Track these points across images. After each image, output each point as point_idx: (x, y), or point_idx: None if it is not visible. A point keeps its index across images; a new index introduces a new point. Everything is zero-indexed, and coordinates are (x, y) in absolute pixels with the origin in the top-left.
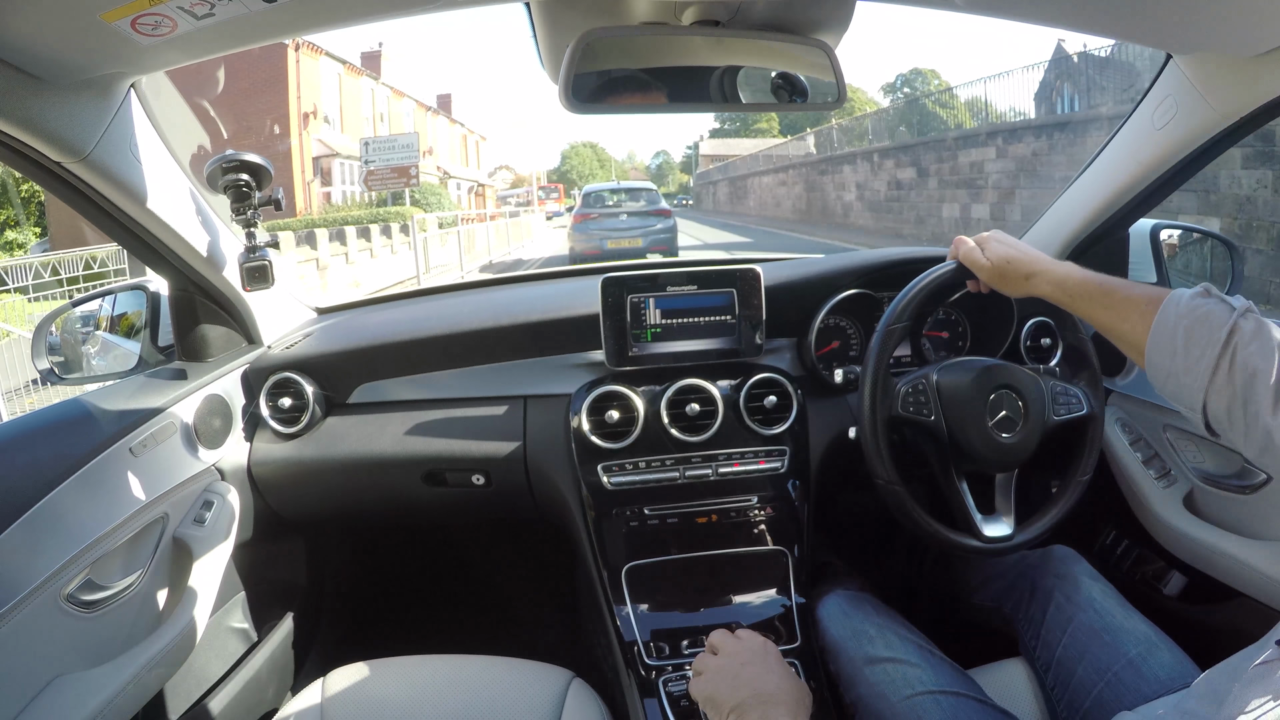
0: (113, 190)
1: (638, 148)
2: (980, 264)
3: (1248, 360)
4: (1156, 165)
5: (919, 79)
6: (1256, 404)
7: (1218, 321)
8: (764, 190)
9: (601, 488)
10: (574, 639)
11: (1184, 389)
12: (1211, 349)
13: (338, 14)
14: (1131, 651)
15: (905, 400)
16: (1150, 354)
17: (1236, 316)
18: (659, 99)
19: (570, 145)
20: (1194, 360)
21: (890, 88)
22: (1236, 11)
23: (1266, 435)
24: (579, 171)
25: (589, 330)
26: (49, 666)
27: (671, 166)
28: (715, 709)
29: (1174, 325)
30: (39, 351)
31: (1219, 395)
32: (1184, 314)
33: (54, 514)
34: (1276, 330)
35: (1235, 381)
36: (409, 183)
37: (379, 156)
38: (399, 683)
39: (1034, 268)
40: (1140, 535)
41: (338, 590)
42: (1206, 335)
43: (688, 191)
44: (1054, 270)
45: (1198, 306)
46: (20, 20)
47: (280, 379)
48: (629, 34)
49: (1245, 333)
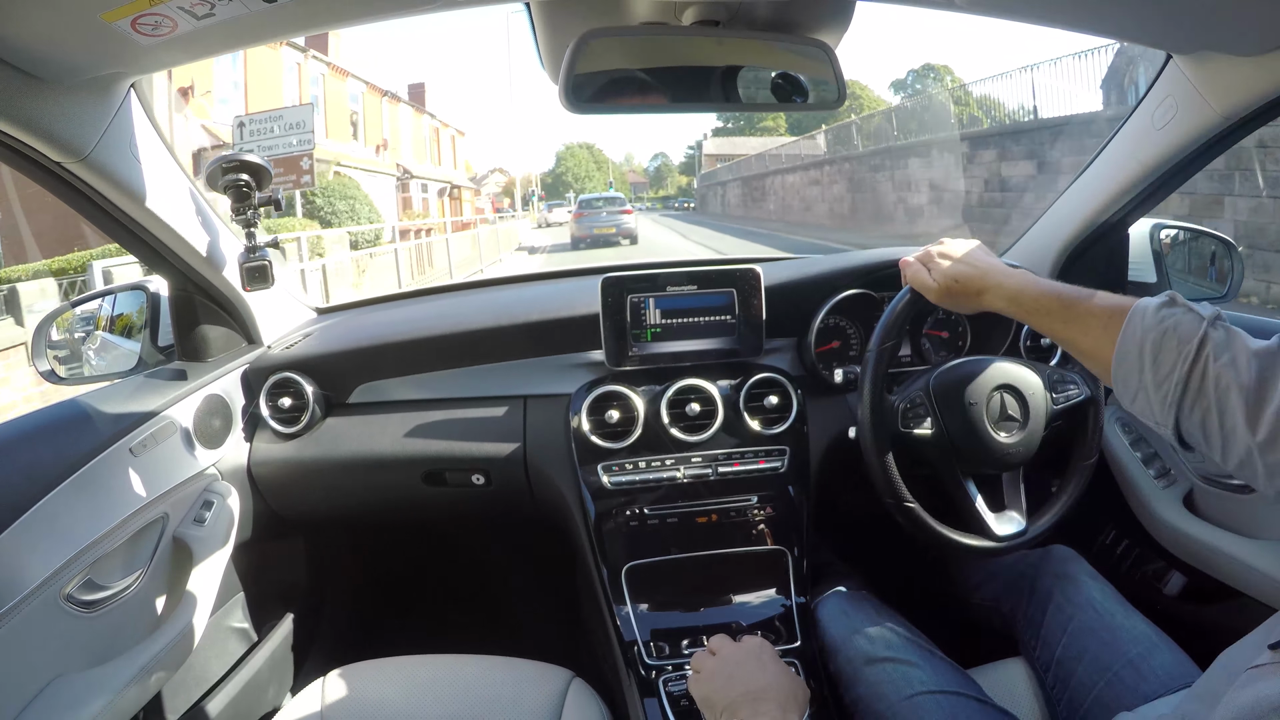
0: (113, 190)
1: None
2: (928, 286)
3: (1221, 374)
4: (1156, 165)
5: (931, 75)
6: (1233, 418)
7: (1187, 333)
8: (788, 190)
9: (601, 487)
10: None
11: (1154, 405)
12: (1182, 363)
13: (338, 13)
14: (1131, 651)
15: (905, 417)
16: (1116, 370)
17: (1206, 327)
18: (659, 99)
19: (566, 146)
20: (1163, 375)
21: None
22: (1236, 11)
23: (1246, 451)
24: (574, 174)
25: (589, 330)
26: (49, 666)
27: (670, 169)
28: (710, 709)
29: (1140, 339)
30: (39, 351)
31: (1192, 411)
32: (1150, 326)
33: (54, 514)
34: (1248, 339)
35: (1208, 396)
36: (299, 182)
37: (257, 141)
38: (399, 683)
39: (985, 283)
40: (1140, 535)
41: (337, 590)
42: (1176, 348)
43: (689, 194)
44: (1007, 284)
45: (1165, 318)
46: (20, 20)
47: (280, 379)
48: (629, 34)
49: (1216, 344)
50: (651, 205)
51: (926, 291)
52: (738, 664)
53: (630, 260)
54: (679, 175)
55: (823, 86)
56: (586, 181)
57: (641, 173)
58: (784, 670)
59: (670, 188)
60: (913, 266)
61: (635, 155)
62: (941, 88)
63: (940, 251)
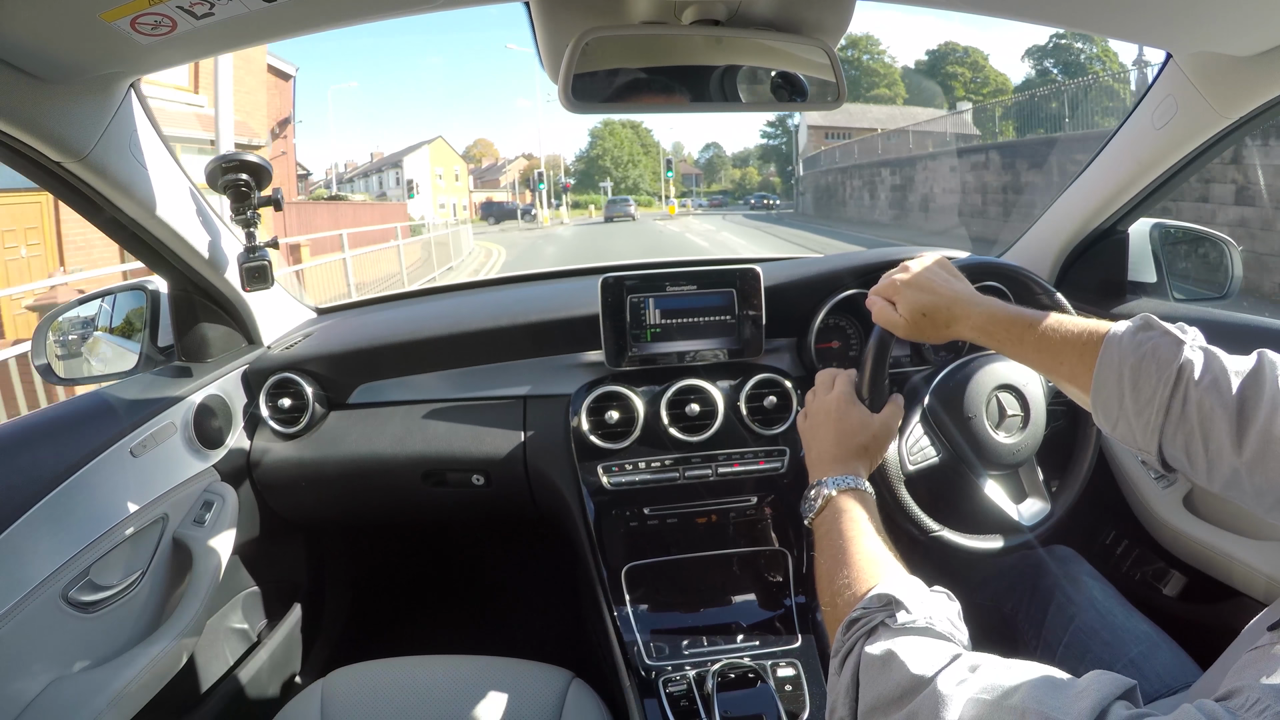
0: (113, 190)
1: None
2: (895, 323)
3: (1203, 398)
4: (1156, 165)
5: (1082, 41)
6: (1218, 441)
7: (1165, 357)
8: (958, 185)
9: (601, 488)
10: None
11: (1135, 432)
12: (1162, 388)
13: (338, 13)
14: (1133, 650)
15: (912, 455)
16: (1095, 398)
17: (1184, 350)
18: (659, 99)
19: (605, 123)
20: (1144, 402)
21: (1038, 52)
22: (1236, 11)
23: (1232, 472)
24: (614, 157)
25: (589, 330)
26: (49, 666)
27: (723, 160)
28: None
29: (1118, 366)
30: (39, 351)
31: (1175, 436)
32: (1127, 352)
33: (54, 514)
34: (1226, 359)
35: (1191, 420)
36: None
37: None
38: (399, 683)
39: (953, 313)
40: (1140, 535)
41: (337, 590)
42: (1155, 373)
43: (772, 189)
44: (975, 314)
45: (1142, 343)
46: (20, 20)
47: (280, 379)
48: (629, 33)
49: (1196, 367)
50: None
51: (894, 328)
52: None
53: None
54: (732, 168)
55: (822, 86)
56: (630, 168)
57: (693, 163)
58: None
59: (724, 181)
60: (877, 304)
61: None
62: (1099, 61)
63: (904, 280)
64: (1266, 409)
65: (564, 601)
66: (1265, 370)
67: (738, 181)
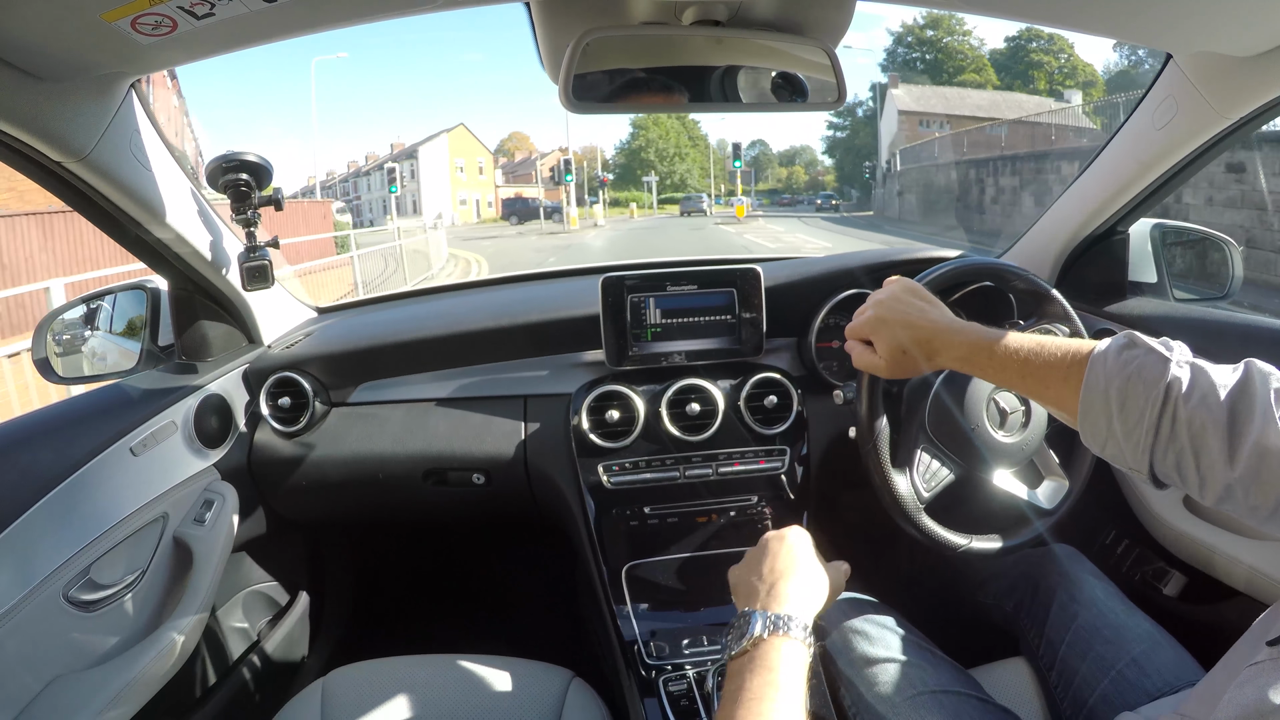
0: (113, 190)
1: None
2: (876, 365)
3: (1193, 415)
4: (1156, 165)
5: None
6: (1210, 457)
7: (1152, 376)
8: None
9: (602, 487)
10: (574, 639)
11: (1125, 452)
12: (1151, 408)
13: (338, 13)
14: (1135, 650)
15: (927, 483)
16: (1083, 420)
17: (1170, 367)
18: (659, 98)
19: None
20: (1132, 423)
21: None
22: (1236, 11)
23: (1225, 487)
24: (658, 149)
25: (589, 330)
26: (49, 665)
27: (770, 159)
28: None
29: (1104, 387)
30: (39, 350)
31: (1165, 454)
32: (1113, 373)
33: (54, 513)
34: (1214, 371)
35: (1181, 438)
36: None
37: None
38: (399, 683)
39: (933, 346)
40: (1140, 535)
41: (337, 590)
42: (1143, 393)
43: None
44: (957, 343)
45: (1127, 362)
46: (20, 20)
47: (280, 378)
48: (629, 34)
49: (1183, 383)
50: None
51: (876, 371)
52: (773, 553)
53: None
54: (779, 166)
55: (823, 86)
56: (676, 161)
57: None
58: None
59: (770, 180)
60: (856, 348)
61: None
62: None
63: (877, 318)
64: (1259, 422)
65: (564, 601)
66: (1254, 382)
67: (784, 180)
